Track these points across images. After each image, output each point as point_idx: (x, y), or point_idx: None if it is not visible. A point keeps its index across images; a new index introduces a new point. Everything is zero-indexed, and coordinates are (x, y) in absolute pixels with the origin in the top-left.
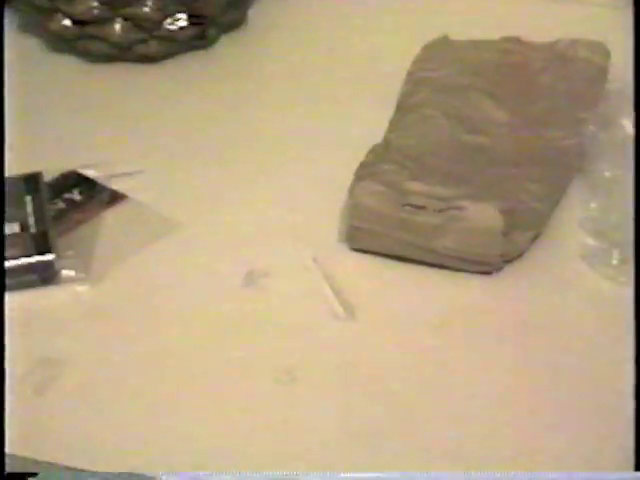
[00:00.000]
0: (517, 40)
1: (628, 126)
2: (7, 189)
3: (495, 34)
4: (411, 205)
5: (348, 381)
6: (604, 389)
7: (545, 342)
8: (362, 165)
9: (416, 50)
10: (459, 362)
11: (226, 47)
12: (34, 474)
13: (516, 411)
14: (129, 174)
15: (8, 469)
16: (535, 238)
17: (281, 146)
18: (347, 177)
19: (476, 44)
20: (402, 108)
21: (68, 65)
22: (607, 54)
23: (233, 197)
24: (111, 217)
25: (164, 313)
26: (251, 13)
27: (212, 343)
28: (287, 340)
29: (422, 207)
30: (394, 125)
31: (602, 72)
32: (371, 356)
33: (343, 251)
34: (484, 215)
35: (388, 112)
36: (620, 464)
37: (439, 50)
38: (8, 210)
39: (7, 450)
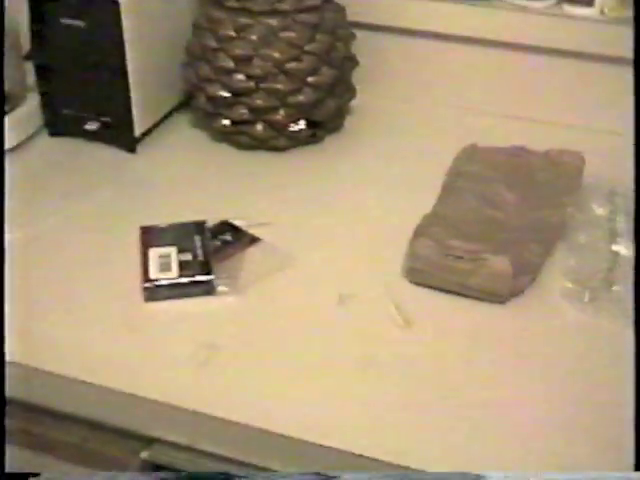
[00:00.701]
0: (523, 148)
1: (596, 209)
2: (183, 231)
3: (503, 144)
4: (452, 255)
5: (406, 373)
6: (598, 391)
7: (540, 355)
8: (418, 227)
9: (454, 153)
10: (483, 365)
11: (329, 143)
12: (36, 474)
13: (522, 414)
14: (263, 224)
15: None
16: (532, 281)
17: (365, 213)
18: (407, 235)
19: (495, 150)
20: (446, 190)
21: (225, 151)
22: (583, 160)
23: (331, 243)
24: (250, 253)
25: (283, 318)
26: (347, 121)
27: (315, 342)
28: (366, 341)
29: (460, 257)
30: (440, 201)
31: (579, 171)
32: (421, 355)
33: (405, 283)
34: (500, 263)
35: (435, 193)
36: (620, 464)
37: (471, 153)
38: (184, 244)
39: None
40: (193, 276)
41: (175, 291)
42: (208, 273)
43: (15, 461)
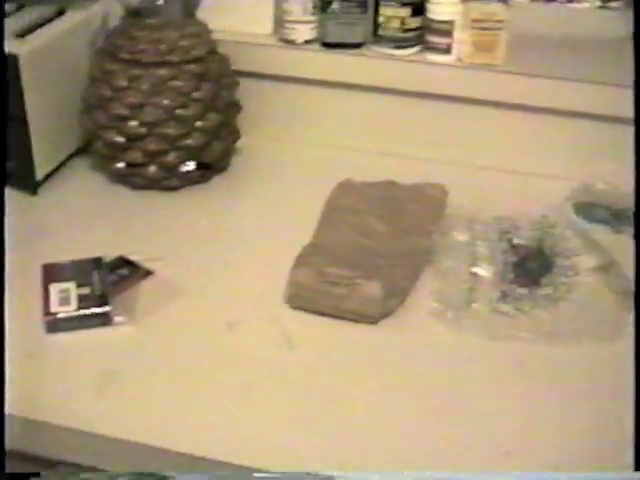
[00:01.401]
0: (392, 182)
1: (458, 235)
2: (82, 267)
3: (379, 178)
4: (328, 281)
5: (288, 391)
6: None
7: (410, 369)
8: (298, 257)
9: (331, 188)
10: (357, 381)
11: (217, 183)
12: (37, 474)
13: (402, 425)
14: (156, 259)
15: None
16: (402, 303)
17: (251, 246)
18: (290, 265)
19: (368, 184)
20: (323, 223)
21: (121, 192)
22: (446, 192)
23: (219, 275)
24: (145, 286)
25: (176, 345)
26: (233, 162)
27: (206, 366)
28: (254, 364)
29: (335, 283)
30: (318, 233)
31: (442, 202)
32: (303, 375)
33: (288, 309)
34: (371, 288)
35: (314, 226)
36: (620, 464)
37: (346, 187)
38: (83, 279)
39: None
40: (91, 308)
41: (75, 323)
42: (105, 305)
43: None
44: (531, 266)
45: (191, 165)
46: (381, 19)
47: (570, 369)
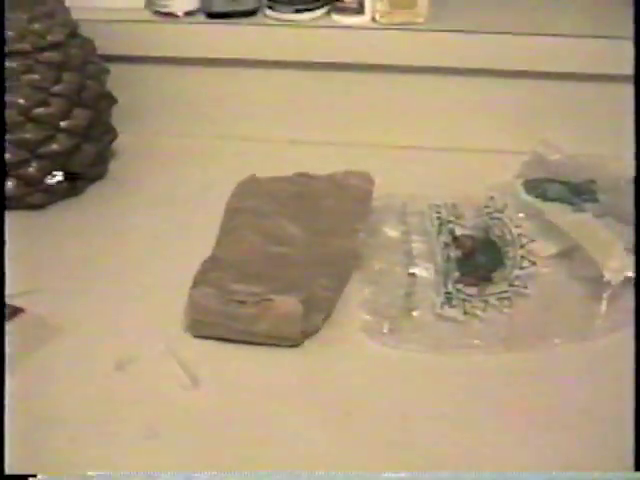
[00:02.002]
0: (305, 175)
1: (389, 231)
2: None
3: (290, 171)
4: (235, 301)
5: (195, 434)
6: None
7: (341, 397)
8: (197, 274)
9: (232, 186)
10: (276, 415)
11: (92, 194)
12: (32, 475)
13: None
14: (24, 293)
15: None
16: (327, 318)
17: (139, 267)
18: (187, 284)
19: (276, 179)
20: (224, 231)
21: None
22: (372, 181)
23: (103, 306)
24: (14, 326)
25: (58, 392)
26: (111, 167)
27: (95, 413)
28: (149, 407)
29: (243, 302)
30: (219, 244)
31: (368, 194)
32: (212, 416)
33: (188, 338)
34: (287, 304)
35: (214, 234)
36: (620, 464)
37: (249, 186)
38: None
39: None
40: None
41: None
42: None
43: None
44: (479, 260)
45: (58, 176)
46: None
47: (539, 377)
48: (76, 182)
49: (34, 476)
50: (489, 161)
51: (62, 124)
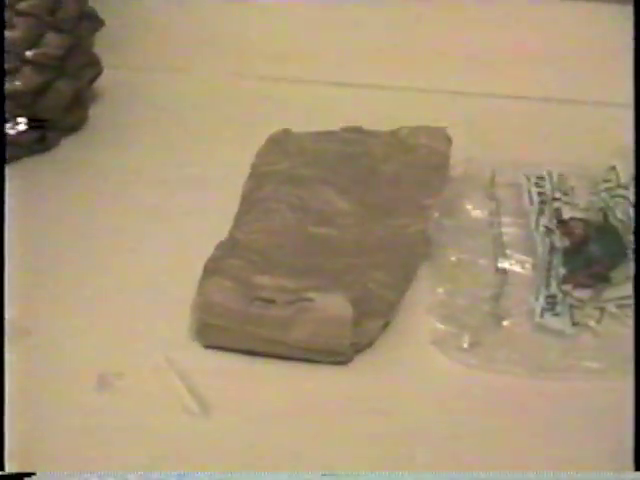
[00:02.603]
0: (358, 129)
1: (472, 210)
2: None
3: (338, 124)
4: (261, 299)
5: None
6: None
7: (403, 427)
8: (210, 261)
9: (260, 144)
10: (317, 455)
11: (69, 150)
12: (31, 474)
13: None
14: None
15: None
16: (385, 326)
17: (126, 246)
18: (196, 275)
19: (317, 135)
20: (246, 203)
21: None
22: (448, 140)
23: (86, 305)
24: None
25: (23, 420)
26: (92, 112)
27: (69, 450)
28: (144, 440)
29: (272, 300)
30: (239, 221)
31: (444, 158)
32: (226, 452)
33: (196, 348)
34: (333, 305)
35: (234, 208)
36: (620, 464)
37: (281, 143)
38: None
39: None
40: None
41: None
42: None
43: None
44: (594, 252)
45: (22, 123)
46: None
47: None
48: (46, 132)
49: (29, 475)
50: (610, 117)
51: (28, 53)
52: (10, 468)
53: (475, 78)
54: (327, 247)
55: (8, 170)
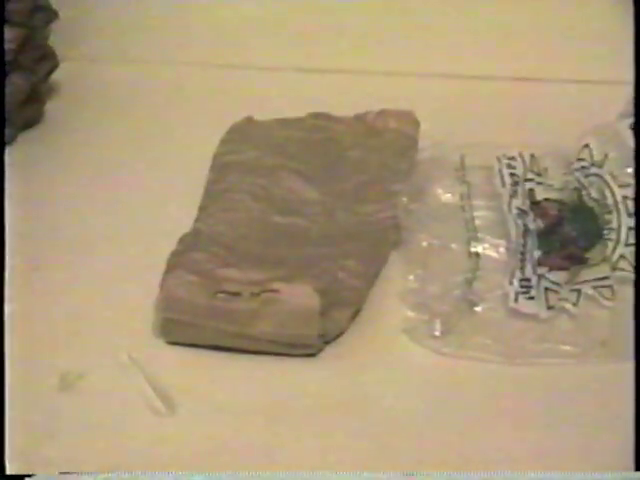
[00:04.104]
0: (324, 116)
1: (442, 194)
2: None
3: (304, 110)
4: (225, 292)
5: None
6: None
7: (375, 418)
8: (172, 255)
9: (223, 132)
10: (289, 449)
11: (24, 145)
12: (29, 475)
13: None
14: None
15: None
16: (355, 315)
17: (86, 241)
18: (158, 269)
19: (282, 123)
20: (209, 195)
21: None
22: (416, 123)
23: (39, 301)
24: None
25: None
26: (49, 108)
27: (31, 453)
28: (108, 441)
29: (237, 293)
30: (202, 213)
31: (412, 142)
32: (195, 450)
33: (160, 345)
34: (300, 295)
35: (197, 199)
36: (620, 464)
37: (244, 132)
38: None
39: None
40: None
41: None
42: None
43: None
44: (569, 234)
45: None
46: None
47: None
48: (2, 129)
49: (29, 476)
50: (582, 94)
51: None
52: None
53: (441, 59)
54: (294, 237)
55: None
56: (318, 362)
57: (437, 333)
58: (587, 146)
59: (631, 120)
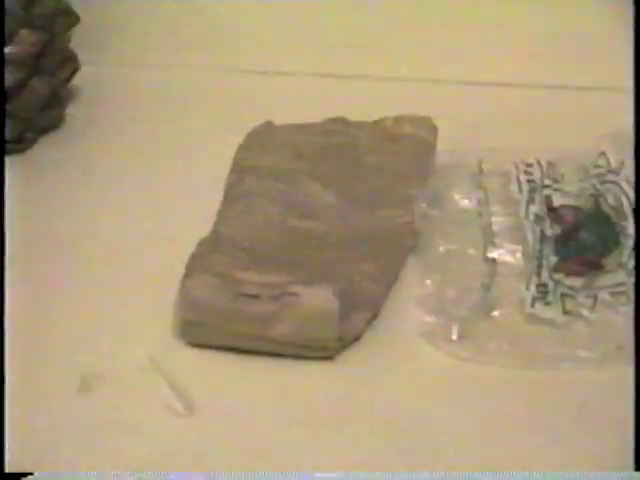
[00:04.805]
0: (342, 121)
1: (459, 200)
2: None
3: (321, 116)
4: (245, 295)
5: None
6: None
7: (392, 422)
8: (192, 258)
9: (242, 137)
10: (306, 452)
11: (45, 148)
12: (28, 474)
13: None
14: None
15: None
16: (372, 319)
17: (106, 244)
18: (177, 270)
19: (300, 128)
20: (229, 198)
21: None
22: (434, 129)
23: (59, 303)
24: None
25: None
26: (69, 112)
27: (53, 455)
28: (129, 443)
29: (256, 296)
30: (222, 216)
31: (429, 147)
32: (213, 453)
33: (179, 347)
34: (318, 299)
35: (216, 203)
36: (620, 464)
37: (263, 136)
38: None
39: None
40: None
41: None
42: None
43: None
44: (585, 240)
45: None
46: None
47: None
48: (22, 132)
49: (26, 475)
50: (599, 101)
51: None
52: None
53: (461, 66)
54: (311, 240)
55: None
56: (335, 365)
57: (454, 337)
58: (604, 153)
59: None
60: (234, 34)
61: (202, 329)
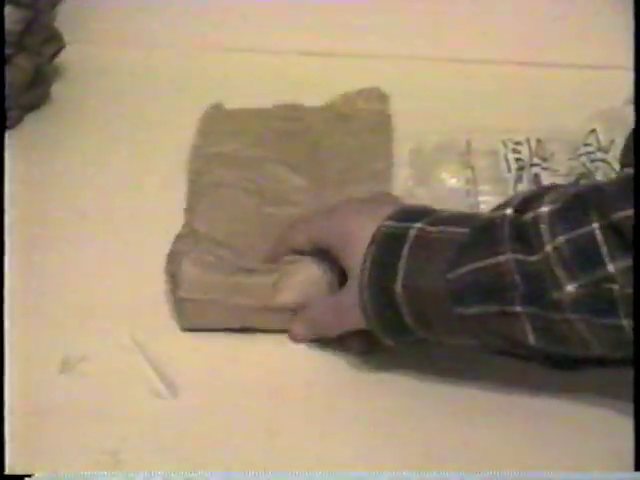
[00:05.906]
0: (292, 107)
1: (447, 179)
2: None
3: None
4: (244, 268)
5: (171, 460)
6: None
7: (392, 402)
8: (171, 254)
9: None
10: (294, 427)
11: (27, 128)
12: (28, 475)
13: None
14: None
15: None
16: None
17: (90, 222)
18: (160, 250)
19: (254, 113)
20: (197, 187)
21: None
22: (384, 98)
23: (40, 283)
24: None
25: None
26: (54, 90)
27: (33, 434)
28: (109, 424)
29: (252, 270)
30: (193, 210)
31: (384, 117)
32: (196, 433)
33: (163, 329)
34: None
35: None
36: (620, 464)
37: (218, 121)
38: None
39: None
40: None
41: None
42: None
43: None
44: None
45: None
46: None
47: None
48: (7, 110)
49: (28, 476)
50: (589, 79)
51: None
52: None
53: (449, 43)
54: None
55: None
56: (328, 348)
57: None
58: (593, 131)
59: None
60: (217, 14)
61: (199, 307)
